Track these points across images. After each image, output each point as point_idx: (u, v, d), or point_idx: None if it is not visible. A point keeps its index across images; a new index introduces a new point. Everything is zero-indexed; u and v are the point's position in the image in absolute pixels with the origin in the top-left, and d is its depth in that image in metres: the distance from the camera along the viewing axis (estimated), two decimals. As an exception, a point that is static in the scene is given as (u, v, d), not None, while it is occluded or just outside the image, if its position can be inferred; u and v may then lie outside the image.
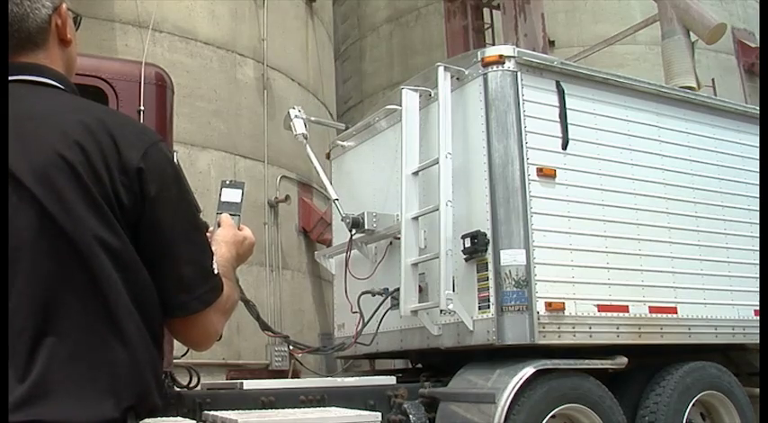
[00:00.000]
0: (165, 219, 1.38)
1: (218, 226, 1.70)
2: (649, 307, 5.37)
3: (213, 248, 1.55)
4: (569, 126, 5.27)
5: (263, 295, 8.09)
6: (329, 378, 6.16)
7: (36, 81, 1.43)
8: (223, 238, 1.64)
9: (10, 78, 1.41)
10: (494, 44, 10.79)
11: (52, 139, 1.32)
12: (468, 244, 4.97)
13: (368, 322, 5.57)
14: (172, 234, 1.39)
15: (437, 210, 4.99)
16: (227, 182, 1.84)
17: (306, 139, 6.58)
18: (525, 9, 9.50)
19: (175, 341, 1.60)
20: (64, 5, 1.48)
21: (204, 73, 8.31)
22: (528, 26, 9.42)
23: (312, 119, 6.81)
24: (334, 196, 6.41)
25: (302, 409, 4.74)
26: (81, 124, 1.35)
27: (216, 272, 1.46)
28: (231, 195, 1.79)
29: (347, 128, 6.92)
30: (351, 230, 5.80)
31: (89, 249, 1.29)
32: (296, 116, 6.59)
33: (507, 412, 4.55)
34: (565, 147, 5.26)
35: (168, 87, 4.72)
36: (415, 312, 5.21)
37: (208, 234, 1.63)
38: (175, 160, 1.56)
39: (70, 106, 1.42)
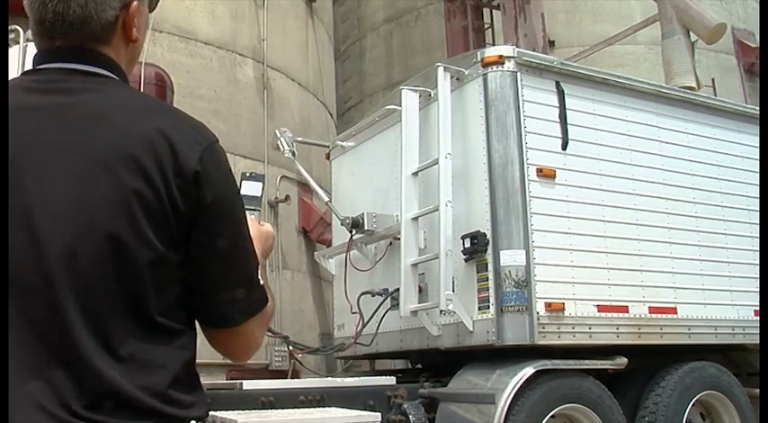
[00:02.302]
0: (218, 227, 1.33)
1: None
2: (649, 307, 5.37)
3: None
4: (569, 126, 5.28)
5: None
6: (329, 378, 6.16)
7: (95, 72, 1.38)
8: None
9: (68, 66, 1.36)
10: (494, 44, 10.80)
11: (112, 138, 1.29)
12: (467, 244, 4.97)
13: (368, 323, 5.57)
14: (224, 244, 1.34)
15: (437, 210, 4.99)
16: (248, 174, 1.79)
17: (294, 155, 6.67)
18: (525, 9, 9.50)
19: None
20: (135, 3, 1.40)
21: (204, 73, 8.30)
22: (528, 26, 9.42)
23: (299, 139, 6.94)
24: (326, 198, 6.45)
25: (302, 410, 4.74)
26: (133, 125, 1.31)
27: (261, 282, 1.42)
28: (251, 188, 1.75)
29: (331, 148, 6.98)
30: (351, 231, 5.80)
31: (138, 257, 1.27)
32: (281, 135, 6.68)
33: (507, 412, 4.56)
34: (565, 147, 5.26)
35: (168, 87, 4.73)
36: (414, 313, 5.21)
37: None
38: None
39: (125, 103, 1.37)
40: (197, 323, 1.44)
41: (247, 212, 1.68)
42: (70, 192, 1.26)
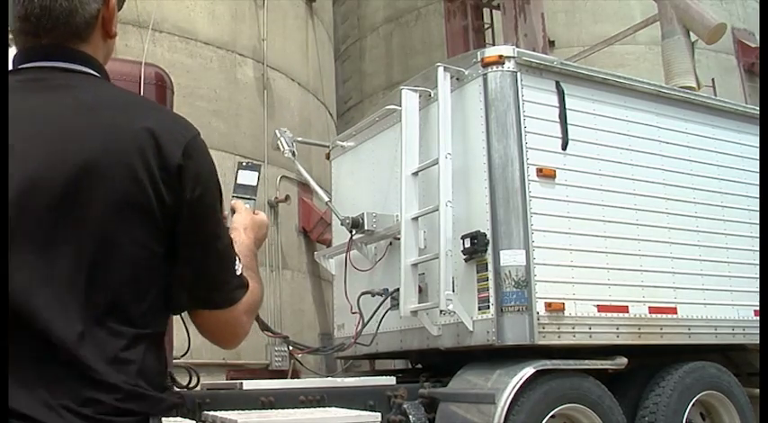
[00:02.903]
0: (200, 219, 1.38)
1: (233, 212, 1.71)
2: (649, 307, 5.37)
3: (233, 235, 1.58)
4: (569, 126, 5.27)
5: (264, 295, 8.08)
6: (329, 378, 6.16)
7: (77, 70, 1.41)
8: (241, 224, 1.66)
9: (51, 64, 1.39)
10: (494, 44, 10.80)
11: (98, 134, 1.32)
12: (467, 244, 4.97)
13: (368, 323, 5.57)
14: (205, 235, 1.39)
15: (437, 210, 4.99)
16: (244, 164, 1.83)
17: (294, 155, 6.68)
18: (525, 9, 9.50)
19: (175, 341, 1.61)
20: None
21: (204, 73, 8.31)
22: (528, 26, 9.42)
23: (299, 139, 6.95)
24: (326, 198, 6.46)
25: (302, 410, 4.74)
26: (121, 123, 1.34)
27: (239, 273, 1.47)
28: (247, 178, 1.79)
29: (331, 148, 6.99)
30: (351, 231, 5.80)
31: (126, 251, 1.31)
32: (281, 135, 6.69)
33: (507, 412, 4.55)
34: (564, 147, 5.26)
35: (168, 87, 4.71)
36: (414, 313, 5.20)
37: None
38: None
39: (109, 101, 1.39)
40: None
41: (242, 201, 1.72)
42: (57, 192, 1.28)
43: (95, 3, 1.41)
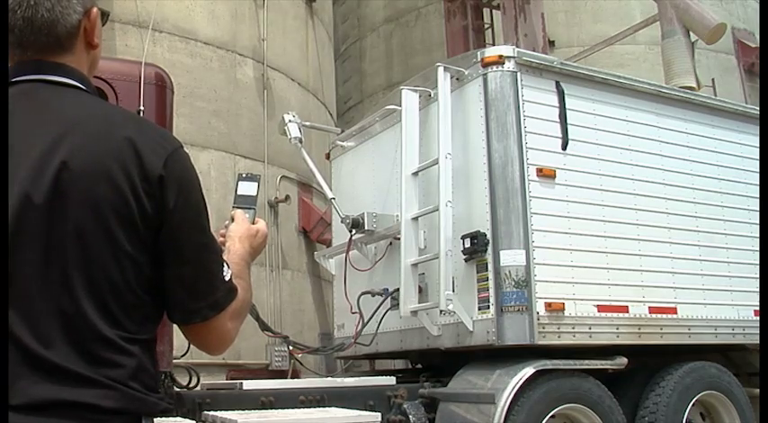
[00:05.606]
0: (183, 228, 1.41)
1: (232, 221, 1.74)
2: (649, 307, 5.37)
3: (227, 244, 1.63)
4: (569, 126, 5.27)
5: (263, 295, 8.09)
6: (329, 378, 6.16)
7: (61, 82, 1.44)
8: (236, 233, 1.69)
9: (36, 77, 1.43)
10: (494, 44, 10.79)
11: (80, 146, 1.35)
12: (467, 244, 4.97)
13: (368, 322, 5.57)
14: (188, 244, 1.42)
15: (437, 210, 4.99)
16: (244, 175, 1.88)
17: (301, 143, 6.62)
18: (525, 9, 9.50)
19: (175, 341, 1.63)
20: (95, 9, 1.48)
21: (204, 73, 8.30)
22: (528, 26, 9.42)
23: (306, 123, 6.86)
24: (330, 195, 6.43)
25: (302, 410, 4.74)
26: (102, 135, 1.37)
27: (227, 279, 1.49)
28: (247, 188, 1.84)
29: (342, 131, 6.94)
30: (351, 231, 5.79)
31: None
32: (290, 121, 6.60)
33: (507, 412, 4.56)
34: (564, 147, 5.26)
35: (168, 87, 4.71)
36: (414, 313, 5.20)
37: (222, 230, 1.70)
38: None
39: (92, 113, 1.43)
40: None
41: (241, 211, 1.76)
42: (43, 205, 1.31)
43: (76, 14, 1.45)
